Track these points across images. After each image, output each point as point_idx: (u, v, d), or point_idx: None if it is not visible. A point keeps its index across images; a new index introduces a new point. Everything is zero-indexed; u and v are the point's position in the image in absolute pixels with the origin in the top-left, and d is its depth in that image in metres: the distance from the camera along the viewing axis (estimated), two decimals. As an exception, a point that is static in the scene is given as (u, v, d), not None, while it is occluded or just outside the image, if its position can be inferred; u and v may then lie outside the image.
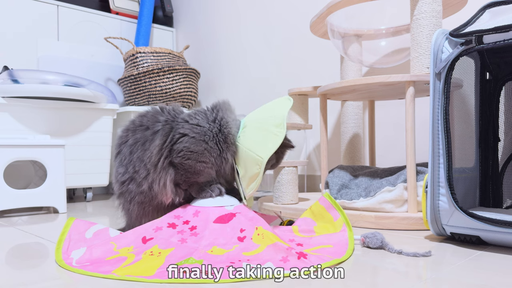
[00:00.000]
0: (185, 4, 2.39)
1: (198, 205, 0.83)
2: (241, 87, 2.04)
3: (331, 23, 1.21)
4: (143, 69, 1.90)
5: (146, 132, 0.85)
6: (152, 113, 0.89)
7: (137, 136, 0.86)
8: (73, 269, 0.65)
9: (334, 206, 0.84)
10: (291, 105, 0.90)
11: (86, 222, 0.84)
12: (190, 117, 0.86)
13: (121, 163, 0.86)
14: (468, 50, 0.76)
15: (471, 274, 0.60)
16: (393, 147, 1.47)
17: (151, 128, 0.85)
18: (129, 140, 0.86)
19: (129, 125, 0.90)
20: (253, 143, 0.86)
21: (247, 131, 0.89)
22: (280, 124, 0.85)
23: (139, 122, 0.88)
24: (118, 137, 0.91)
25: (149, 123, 0.86)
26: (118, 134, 0.92)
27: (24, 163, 1.53)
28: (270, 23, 1.89)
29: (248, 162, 0.86)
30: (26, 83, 1.49)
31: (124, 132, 0.89)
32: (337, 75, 1.63)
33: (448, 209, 0.78)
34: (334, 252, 0.71)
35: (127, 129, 0.89)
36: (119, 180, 0.86)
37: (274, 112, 0.90)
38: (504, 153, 0.91)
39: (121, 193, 0.86)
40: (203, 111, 0.89)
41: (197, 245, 0.72)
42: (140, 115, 0.90)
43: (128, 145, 0.86)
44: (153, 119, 0.87)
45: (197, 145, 0.83)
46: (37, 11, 1.92)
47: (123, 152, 0.86)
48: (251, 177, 0.86)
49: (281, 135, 0.84)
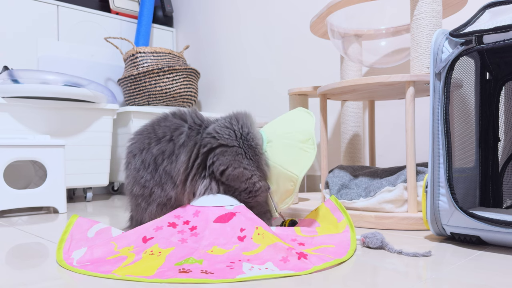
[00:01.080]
0: (185, 4, 2.39)
1: (198, 205, 0.83)
2: (241, 87, 2.04)
3: (331, 23, 1.22)
4: (143, 69, 1.90)
5: (169, 144, 0.86)
6: (174, 122, 0.89)
7: (161, 146, 0.86)
8: (74, 269, 0.65)
9: (339, 208, 0.84)
10: (314, 121, 0.93)
11: (89, 221, 0.84)
12: (218, 134, 0.86)
13: (145, 168, 0.86)
14: (468, 50, 0.76)
15: (471, 274, 0.60)
16: (393, 147, 1.47)
17: (176, 140, 0.86)
18: (153, 149, 0.86)
19: (149, 130, 0.89)
20: (285, 159, 0.88)
21: (274, 146, 0.90)
22: (307, 139, 0.88)
23: (162, 133, 0.88)
24: (137, 140, 0.90)
25: (174, 135, 0.87)
26: (138, 131, 0.91)
27: (24, 163, 1.53)
28: (270, 23, 1.89)
29: (281, 178, 0.89)
30: (26, 83, 1.49)
31: (145, 138, 0.89)
32: (337, 75, 1.63)
33: (448, 209, 0.78)
34: (336, 252, 0.71)
35: (149, 136, 0.88)
36: (142, 184, 0.86)
37: (297, 126, 0.92)
38: (504, 153, 0.91)
39: (142, 195, 0.86)
40: (227, 126, 0.89)
41: (197, 245, 0.72)
42: (160, 121, 0.90)
43: (152, 154, 0.86)
44: (176, 130, 0.87)
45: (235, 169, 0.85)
46: (37, 11, 1.92)
47: (147, 159, 0.86)
48: (283, 192, 0.89)
49: (311, 151, 0.87)
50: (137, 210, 0.88)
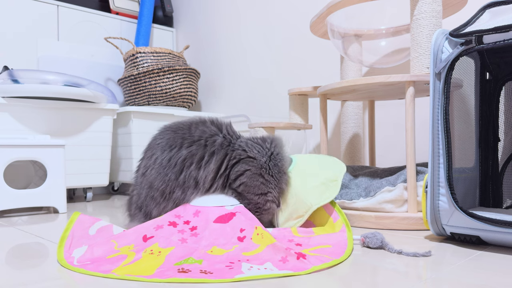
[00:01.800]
0: (185, 4, 2.39)
1: (198, 205, 0.83)
2: (241, 87, 2.04)
3: (331, 23, 1.22)
4: (143, 69, 1.90)
5: (201, 149, 0.87)
6: (211, 128, 0.91)
7: (193, 149, 0.87)
8: (74, 269, 0.65)
9: (335, 209, 0.85)
10: (345, 171, 0.97)
11: (90, 218, 0.84)
12: (248, 148, 0.89)
13: (172, 167, 0.87)
14: (468, 50, 0.76)
15: (471, 274, 0.60)
16: (393, 147, 1.47)
17: (209, 147, 0.87)
18: (184, 150, 0.87)
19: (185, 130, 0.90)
20: (306, 186, 0.90)
21: (300, 172, 0.93)
22: (334, 180, 0.90)
23: (198, 136, 0.89)
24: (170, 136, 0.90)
25: (208, 142, 0.88)
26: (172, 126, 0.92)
27: (24, 163, 1.53)
28: (270, 23, 1.89)
29: (295, 202, 0.89)
30: (26, 83, 1.49)
31: (179, 137, 0.89)
32: (337, 75, 1.63)
33: (448, 209, 0.78)
34: (333, 252, 0.71)
35: (183, 137, 0.89)
36: (165, 181, 0.86)
37: (329, 166, 0.95)
38: (504, 153, 0.91)
39: (162, 191, 0.86)
40: (259, 143, 0.92)
41: (197, 245, 0.72)
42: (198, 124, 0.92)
43: (182, 155, 0.87)
44: (212, 137, 0.89)
45: (253, 179, 0.87)
46: (37, 11, 1.92)
47: (175, 158, 0.87)
48: (291, 213, 0.89)
49: (333, 190, 0.88)
50: (149, 201, 0.89)
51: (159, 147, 0.89)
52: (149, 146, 0.94)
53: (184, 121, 0.94)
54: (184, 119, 0.96)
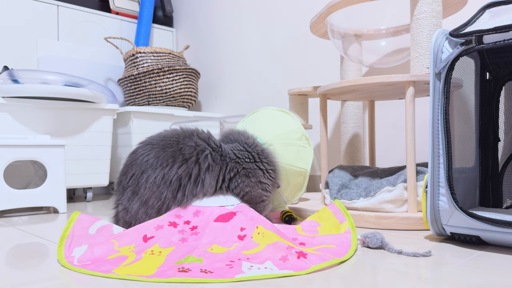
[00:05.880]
0: (185, 4, 2.39)
1: (199, 205, 0.83)
2: (241, 87, 2.04)
3: (331, 23, 1.22)
4: (143, 69, 1.90)
5: (195, 167, 0.87)
6: (199, 143, 0.90)
7: (188, 168, 0.86)
8: (75, 268, 0.65)
9: (342, 212, 0.85)
10: (296, 117, 1.08)
11: (90, 217, 0.84)
12: (239, 159, 0.92)
13: (167, 185, 0.85)
14: (468, 50, 0.76)
15: (471, 274, 0.60)
16: (393, 147, 1.47)
17: (202, 164, 0.87)
18: (178, 169, 0.86)
19: (174, 147, 0.88)
20: (289, 158, 1.01)
21: (277, 148, 1.01)
22: (301, 137, 1.04)
23: (189, 154, 0.88)
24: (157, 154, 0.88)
25: (200, 158, 0.88)
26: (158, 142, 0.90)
27: (24, 163, 1.53)
28: (270, 23, 1.89)
29: (290, 175, 1.02)
30: (26, 83, 1.49)
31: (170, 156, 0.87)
32: (337, 75, 1.63)
33: (448, 209, 0.78)
34: (336, 252, 0.71)
35: (174, 155, 0.87)
36: (161, 199, 0.85)
37: (285, 126, 1.04)
38: (504, 153, 0.91)
39: (158, 209, 0.86)
40: (242, 149, 0.94)
41: (197, 243, 0.72)
42: (186, 139, 0.90)
43: (177, 174, 0.86)
44: (203, 153, 0.89)
45: (254, 189, 0.92)
46: (37, 11, 1.92)
47: (170, 176, 0.85)
48: (294, 186, 1.04)
49: (309, 146, 1.04)
50: (143, 217, 0.87)
51: (148, 164, 0.87)
52: (132, 162, 0.89)
53: (168, 135, 0.91)
54: (166, 132, 0.93)
